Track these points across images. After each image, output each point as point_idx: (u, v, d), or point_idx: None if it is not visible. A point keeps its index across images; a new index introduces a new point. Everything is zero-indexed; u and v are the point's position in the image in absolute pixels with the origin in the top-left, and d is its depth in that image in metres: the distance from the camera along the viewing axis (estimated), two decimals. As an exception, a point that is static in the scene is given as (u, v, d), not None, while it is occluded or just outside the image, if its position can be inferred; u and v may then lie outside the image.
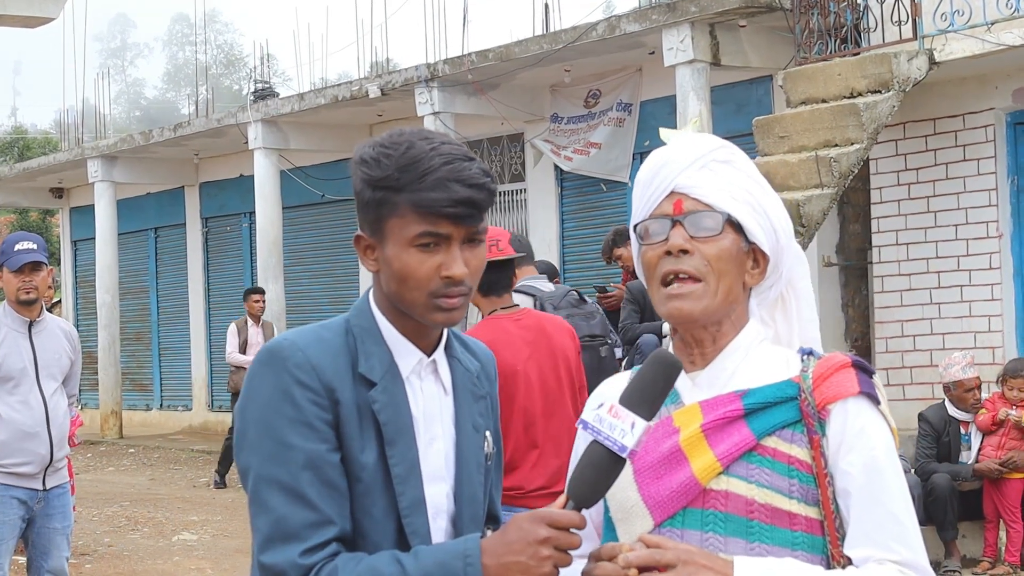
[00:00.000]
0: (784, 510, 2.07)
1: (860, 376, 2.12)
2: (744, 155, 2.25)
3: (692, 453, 2.11)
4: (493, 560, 2.00)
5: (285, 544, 2.05)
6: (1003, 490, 8.71)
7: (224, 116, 17.68)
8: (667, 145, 2.23)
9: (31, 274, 5.98)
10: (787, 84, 10.52)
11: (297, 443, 2.08)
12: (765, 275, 2.22)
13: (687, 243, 2.14)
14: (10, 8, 9.65)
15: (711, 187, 2.16)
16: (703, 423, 2.12)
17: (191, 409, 20.71)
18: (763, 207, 2.19)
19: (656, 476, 2.13)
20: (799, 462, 2.08)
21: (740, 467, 2.09)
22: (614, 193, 14.48)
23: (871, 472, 2.07)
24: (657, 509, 2.12)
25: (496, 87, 14.32)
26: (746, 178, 2.19)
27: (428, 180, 2.09)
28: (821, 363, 2.14)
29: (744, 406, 2.11)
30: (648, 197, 2.20)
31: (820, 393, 2.10)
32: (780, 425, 2.10)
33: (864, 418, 2.10)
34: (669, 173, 2.18)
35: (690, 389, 2.18)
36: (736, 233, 2.16)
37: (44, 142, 37.80)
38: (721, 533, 2.08)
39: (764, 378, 2.14)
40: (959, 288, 10.65)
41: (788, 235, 2.23)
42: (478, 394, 2.31)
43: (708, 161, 2.18)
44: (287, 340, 2.15)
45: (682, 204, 2.16)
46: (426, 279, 2.12)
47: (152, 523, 11.58)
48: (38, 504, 6.02)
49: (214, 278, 20.46)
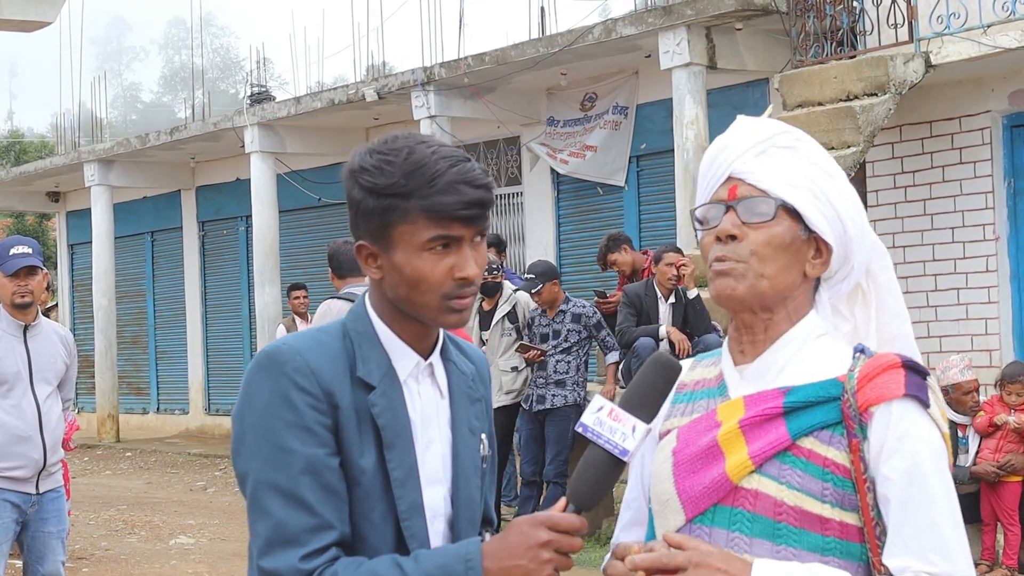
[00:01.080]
0: (815, 514, 2.01)
1: (909, 377, 2.03)
2: (813, 142, 2.17)
3: (728, 449, 2.07)
4: (494, 563, 2.00)
5: (285, 549, 2.04)
6: (1000, 493, 8.71)
7: (220, 120, 17.67)
8: (728, 130, 2.19)
9: (26, 278, 5.97)
10: (783, 87, 10.53)
11: (296, 447, 2.07)
12: (829, 265, 2.13)
13: (736, 228, 2.09)
14: (6, 12, 9.64)
15: (767, 172, 2.10)
16: (741, 419, 2.07)
17: (188, 413, 20.70)
18: (827, 195, 2.10)
19: (692, 470, 2.10)
20: (835, 465, 2.01)
21: (772, 467, 2.03)
22: (610, 196, 14.48)
23: (913, 479, 1.98)
24: (690, 504, 2.09)
25: (492, 90, 14.32)
26: (810, 165, 2.12)
27: (438, 184, 2.08)
28: (869, 362, 2.05)
29: (785, 404, 2.05)
30: (707, 183, 2.16)
31: (863, 394, 2.02)
32: (819, 426, 2.03)
33: (908, 422, 2.01)
34: (727, 158, 2.14)
35: (737, 382, 2.13)
36: (793, 220, 2.09)
37: (40, 146, 37.77)
38: (747, 533, 2.03)
39: (813, 375, 2.07)
40: (956, 291, 10.66)
41: (858, 225, 2.13)
42: (473, 397, 2.31)
43: (768, 147, 2.12)
44: (285, 344, 2.14)
45: (736, 190, 2.11)
46: (439, 282, 2.12)
47: (149, 527, 11.56)
48: (32, 508, 6.01)
49: (211, 282, 20.45)
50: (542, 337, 9.89)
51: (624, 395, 2.06)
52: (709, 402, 2.15)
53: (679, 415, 2.20)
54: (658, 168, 13.82)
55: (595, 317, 9.90)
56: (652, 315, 9.52)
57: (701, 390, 2.20)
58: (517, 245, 15.50)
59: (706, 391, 2.19)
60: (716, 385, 2.18)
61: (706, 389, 2.19)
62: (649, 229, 13.97)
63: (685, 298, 9.44)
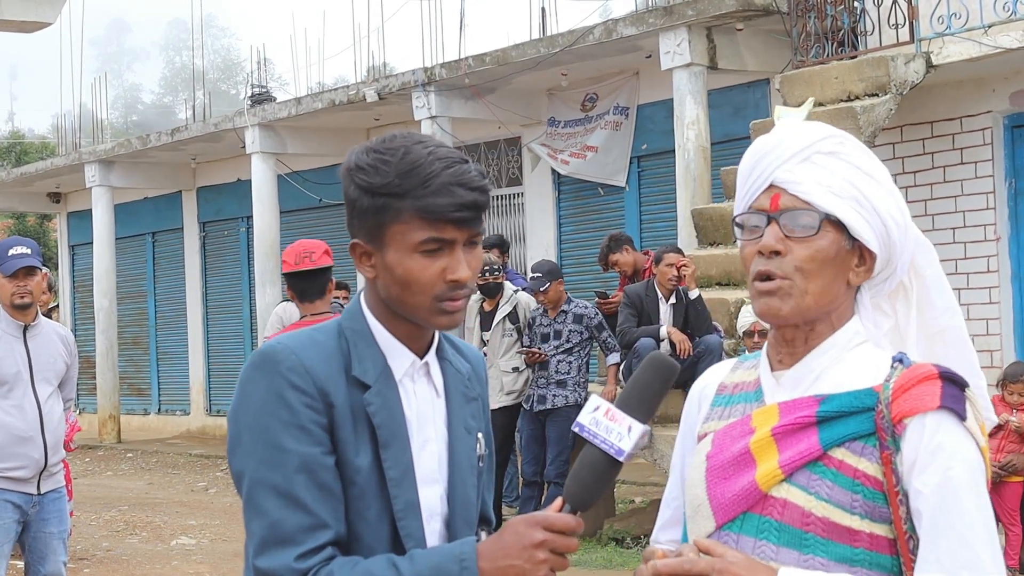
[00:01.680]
0: (843, 525, 1.97)
1: (945, 389, 1.97)
2: (856, 144, 2.10)
3: (760, 456, 2.04)
4: (489, 563, 1.99)
5: (281, 548, 2.04)
6: (1002, 493, 8.70)
7: (221, 121, 17.67)
8: (770, 132, 2.12)
9: (25, 279, 5.98)
10: (784, 87, 10.52)
11: (291, 446, 2.07)
12: (873, 272, 2.09)
13: (780, 243, 2.03)
14: (7, 13, 9.65)
15: (812, 182, 2.04)
16: (774, 426, 2.03)
17: (189, 413, 20.70)
18: (871, 202, 2.05)
19: (724, 476, 2.07)
20: (866, 477, 1.97)
21: (802, 476, 2.00)
22: (611, 197, 14.47)
23: (945, 493, 1.93)
24: (720, 511, 2.06)
25: (493, 91, 14.32)
26: (854, 171, 2.06)
27: (432, 185, 2.08)
28: (906, 373, 2.00)
29: (818, 413, 2.01)
30: (747, 189, 2.11)
31: (898, 405, 1.97)
32: (851, 436, 1.99)
33: (943, 435, 1.95)
34: (769, 165, 2.08)
35: (773, 388, 2.10)
36: (838, 232, 2.04)
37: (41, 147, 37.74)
38: (774, 542, 2.00)
39: (850, 384, 2.03)
40: (957, 291, 10.60)
41: (902, 227, 2.08)
42: (469, 396, 2.30)
43: (811, 153, 2.06)
44: (280, 343, 2.14)
45: (779, 200, 2.05)
46: (430, 284, 2.11)
47: (150, 527, 11.56)
48: (33, 508, 6.01)
49: (212, 282, 20.45)
50: (543, 337, 9.88)
51: (621, 395, 2.04)
52: (746, 407, 2.12)
53: (716, 418, 2.18)
54: (659, 168, 13.82)
55: (596, 318, 9.90)
56: (653, 315, 9.51)
57: (739, 393, 2.17)
58: (518, 246, 15.50)
59: (744, 395, 2.16)
60: (754, 390, 2.15)
61: (744, 393, 2.17)
62: (650, 229, 13.97)
63: (686, 298, 9.44)
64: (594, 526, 9.60)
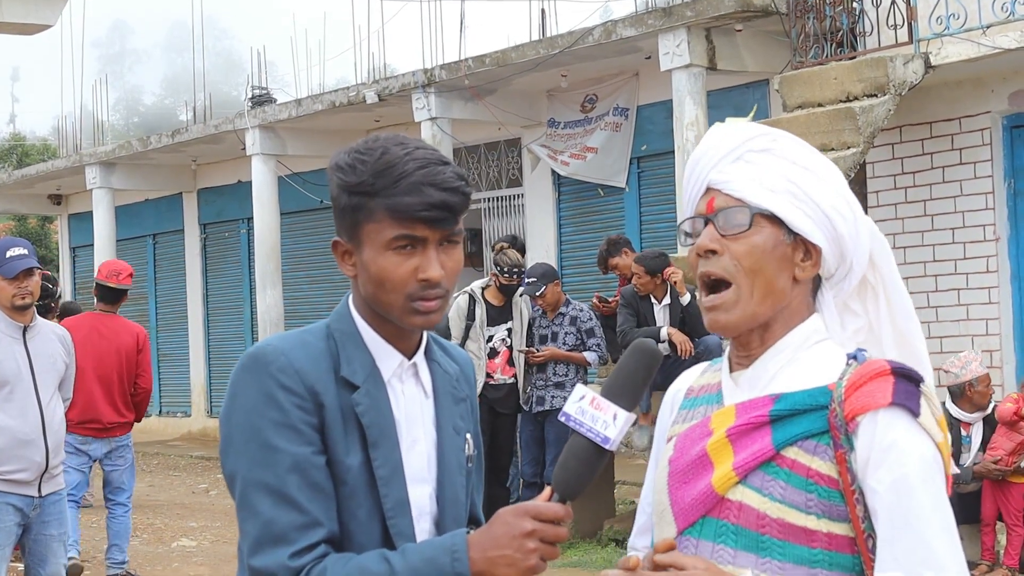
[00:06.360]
0: (799, 526, 1.96)
1: (898, 385, 1.95)
2: (791, 139, 2.11)
3: (717, 459, 2.03)
4: (480, 554, 2.01)
5: (274, 547, 2.06)
6: (1008, 493, 8.65)
7: (222, 122, 17.68)
8: (704, 137, 2.14)
9: (25, 279, 5.99)
10: (783, 88, 10.53)
11: (283, 446, 2.09)
12: (820, 266, 2.08)
13: (715, 242, 2.04)
14: (7, 15, 9.65)
15: (744, 180, 2.05)
16: (729, 428, 2.03)
17: (190, 415, 20.71)
18: (808, 193, 2.04)
19: (684, 481, 2.07)
20: (820, 476, 1.96)
21: (756, 478, 1.99)
22: (611, 198, 14.48)
23: (900, 491, 1.91)
24: (680, 516, 2.06)
25: (493, 92, 14.33)
26: (788, 165, 2.06)
27: (403, 185, 2.10)
28: (859, 369, 1.99)
29: (772, 412, 2.00)
30: (689, 196, 2.13)
31: (850, 403, 1.95)
32: (804, 435, 1.98)
33: (895, 432, 1.93)
34: (703, 169, 2.10)
35: (732, 390, 2.09)
36: (775, 226, 2.04)
37: (42, 149, 37.77)
38: (732, 546, 2.00)
39: (805, 382, 2.02)
40: (956, 292, 10.65)
41: (848, 219, 2.07)
42: (458, 397, 2.33)
43: (743, 152, 2.07)
44: (269, 345, 2.16)
45: (714, 201, 2.07)
46: (402, 282, 2.14)
47: (151, 529, 11.57)
48: (34, 511, 6.02)
49: (212, 284, 20.46)
50: (541, 339, 9.89)
51: (606, 383, 2.05)
52: (707, 408, 2.12)
53: (681, 421, 2.18)
54: (659, 169, 13.83)
55: (589, 322, 9.87)
56: (648, 317, 9.53)
57: (703, 396, 2.17)
58: (518, 247, 15.50)
59: (706, 397, 2.16)
60: (716, 392, 2.15)
61: (707, 395, 2.17)
62: (650, 230, 13.98)
63: (680, 303, 9.47)
64: (594, 527, 9.61)
